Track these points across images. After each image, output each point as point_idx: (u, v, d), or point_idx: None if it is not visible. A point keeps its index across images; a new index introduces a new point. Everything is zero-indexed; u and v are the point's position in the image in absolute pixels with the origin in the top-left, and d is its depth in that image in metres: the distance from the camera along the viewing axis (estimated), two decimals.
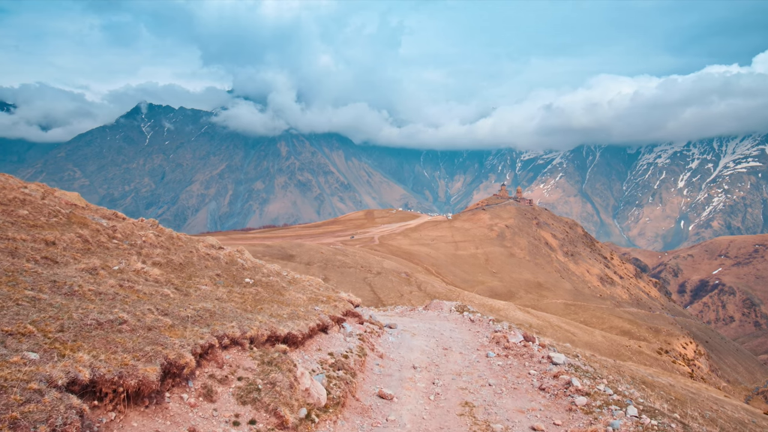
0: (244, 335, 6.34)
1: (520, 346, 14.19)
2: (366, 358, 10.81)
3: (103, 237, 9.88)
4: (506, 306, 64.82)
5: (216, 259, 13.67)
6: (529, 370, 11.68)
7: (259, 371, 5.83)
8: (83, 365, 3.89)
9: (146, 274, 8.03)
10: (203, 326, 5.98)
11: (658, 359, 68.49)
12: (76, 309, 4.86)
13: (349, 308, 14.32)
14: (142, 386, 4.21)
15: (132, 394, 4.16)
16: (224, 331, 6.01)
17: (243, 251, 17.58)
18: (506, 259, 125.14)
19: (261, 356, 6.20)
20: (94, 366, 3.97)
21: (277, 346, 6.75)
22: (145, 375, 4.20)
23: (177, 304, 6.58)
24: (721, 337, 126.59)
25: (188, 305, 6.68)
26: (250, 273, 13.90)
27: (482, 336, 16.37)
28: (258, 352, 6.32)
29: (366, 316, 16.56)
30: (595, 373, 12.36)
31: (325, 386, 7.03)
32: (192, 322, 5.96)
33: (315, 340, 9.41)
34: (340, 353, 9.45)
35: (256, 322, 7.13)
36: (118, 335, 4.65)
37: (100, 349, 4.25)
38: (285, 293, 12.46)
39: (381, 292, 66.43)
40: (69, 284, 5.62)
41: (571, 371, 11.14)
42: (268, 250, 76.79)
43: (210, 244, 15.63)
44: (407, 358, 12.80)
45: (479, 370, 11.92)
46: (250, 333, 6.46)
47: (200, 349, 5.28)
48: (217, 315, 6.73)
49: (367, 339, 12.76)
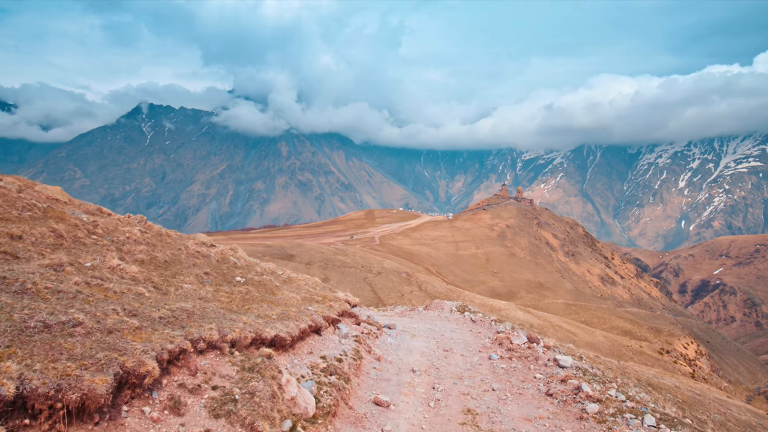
0: (224, 338, 5.68)
1: (524, 347, 13.65)
2: (362, 361, 10.21)
3: (81, 232, 9.25)
4: (507, 306, 64.25)
5: (206, 256, 13.05)
6: (535, 373, 11.08)
7: (238, 379, 5.16)
8: (9, 377, 3.22)
9: (122, 271, 7.38)
10: (177, 328, 5.32)
11: (660, 359, 67.93)
12: (21, 309, 4.21)
13: (346, 308, 13.71)
14: (87, 400, 3.52)
15: (75, 410, 3.51)
16: (200, 334, 5.35)
17: (236, 249, 16.93)
18: (507, 259, 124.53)
19: (242, 362, 5.53)
20: (24, 378, 3.29)
21: (261, 350, 6.07)
22: (91, 387, 3.53)
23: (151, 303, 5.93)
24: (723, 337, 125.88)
25: (164, 305, 6.04)
26: (242, 271, 13.30)
27: (484, 337, 15.92)
28: (240, 357, 5.66)
29: (363, 316, 16.05)
30: (604, 376, 11.71)
31: (314, 394, 6.38)
32: (164, 323, 5.31)
33: (307, 342, 8.77)
34: (334, 356, 8.82)
35: (239, 323, 6.48)
36: (67, 340, 3.98)
37: (40, 356, 3.59)
38: (278, 293, 11.85)
39: (381, 292, 65.92)
40: (21, 281, 4.96)
41: (579, 375, 10.49)
42: (268, 249, 76.28)
43: (201, 241, 15.01)
44: (406, 361, 12.27)
45: (482, 374, 11.33)
46: (231, 336, 5.80)
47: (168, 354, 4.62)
48: (196, 316, 6.08)
49: (364, 341, 12.23)
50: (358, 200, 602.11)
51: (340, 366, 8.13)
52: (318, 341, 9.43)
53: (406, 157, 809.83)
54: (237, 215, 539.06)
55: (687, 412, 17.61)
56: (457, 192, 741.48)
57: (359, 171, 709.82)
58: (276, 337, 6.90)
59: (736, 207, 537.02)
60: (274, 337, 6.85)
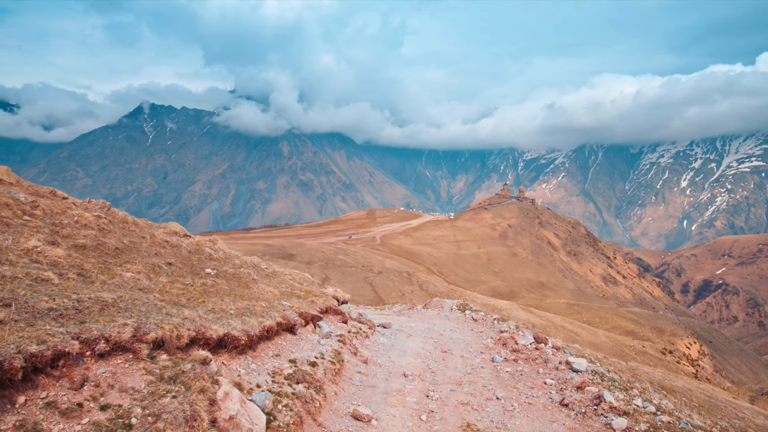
0: (142, 337, 4.28)
1: (531, 348, 12.53)
2: (344, 365, 9.06)
3: (10, 212, 7.89)
4: (509, 306, 62.98)
5: (176, 246, 11.91)
6: (545, 378, 9.83)
7: (147, 394, 3.74)
8: None
9: (41, 254, 6.02)
10: (71, 323, 3.95)
11: (663, 359, 66.75)
12: None
13: (332, 305, 12.49)
14: None
15: None
16: (102, 332, 3.96)
17: (216, 241, 15.89)
18: (508, 258, 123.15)
19: (163, 369, 4.15)
20: None
21: (195, 354, 4.68)
22: None
23: (51, 291, 4.57)
24: (725, 338, 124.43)
25: (72, 294, 4.67)
26: (216, 263, 12.12)
27: (486, 337, 14.90)
28: (163, 363, 4.28)
29: (354, 314, 14.92)
30: (624, 382, 10.28)
31: (268, 409, 5.00)
32: (53, 317, 3.95)
33: (274, 342, 7.50)
34: (307, 360, 7.58)
35: (176, 318, 5.11)
36: None
37: None
38: (253, 286, 10.73)
39: (382, 291, 64.79)
40: None
41: (597, 380, 9.16)
42: (268, 249, 75.17)
43: (173, 230, 13.86)
44: (398, 364, 11.18)
45: (484, 378, 10.09)
46: (155, 334, 4.41)
47: (25, 362, 3.23)
48: (114, 308, 4.71)
49: (350, 341, 11.07)
50: (359, 200, 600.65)
51: (313, 372, 6.75)
52: (291, 342, 8.19)
53: (407, 157, 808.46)
54: (238, 215, 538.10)
55: (707, 418, 16.23)
56: (458, 192, 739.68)
57: (361, 171, 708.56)
58: (226, 337, 5.51)
59: (738, 207, 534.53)
60: (223, 337, 5.46)
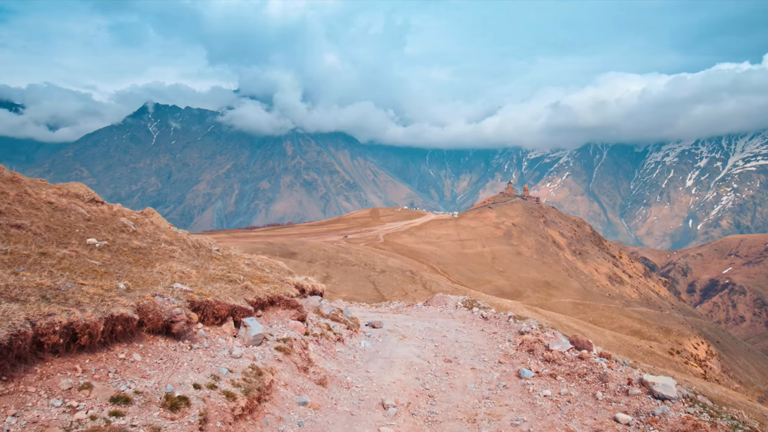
0: None
1: (572, 357, 8.96)
2: (270, 393, 6.17)
3: None
4: (514, 305, 62.94)
5: (64, 210, 10.05)
6: (613, 411, 6.38)
7: None
8: None
9: None
10: None
11: (671, 360, 66.48)
12: None
13: (286, 294, 10.00)
14: None
15: None
16: None
17: (152, 213, 14.22)
18: (513, 257, 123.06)
19: None
20: None
21: None
22: None
23: None
24: (732, 338, 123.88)
25: None
26: (127, 237, 10.28)
27: (503, 340, 11.56)
28: None
29: (327, 309, 11.66)
30: (715, 408, 7.06)
31: None
32: None
33: (112, 354, 5.39)
34: (165, 393, 5.16)
35: None
36: None
37: None
38: (159, 265, 8.52)
39: (384, 290, 64.87)
40: None
41: (698, 413, 6.05)
42: (270, 247, 75.48)
43: (73, 192, 11.88)
44: (378, 384, 7.75)
45: (512, 409, 6.59)
46: None
47: None
48: None
49: (300, 349, 8.15)
50: (363, 199, 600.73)
51: (158, 427, 4.63)
52: (164, 352, 6.06)
53: (411, 157, 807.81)
54: (242, 214, 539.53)
55: None
56: (462, 191, 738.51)
57: (364, 170, 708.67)
58: None
59: (744, 206, 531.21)
60: None
